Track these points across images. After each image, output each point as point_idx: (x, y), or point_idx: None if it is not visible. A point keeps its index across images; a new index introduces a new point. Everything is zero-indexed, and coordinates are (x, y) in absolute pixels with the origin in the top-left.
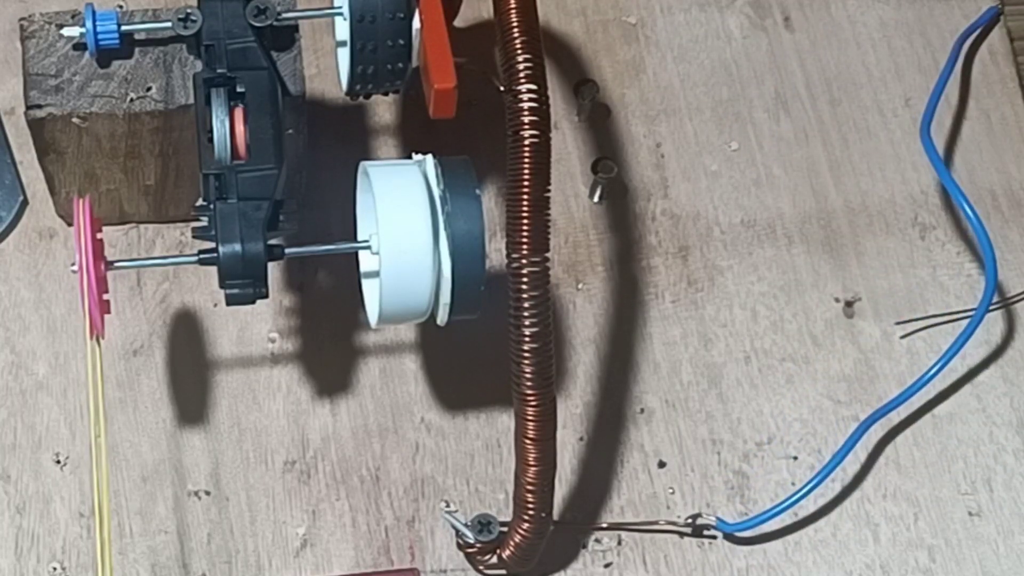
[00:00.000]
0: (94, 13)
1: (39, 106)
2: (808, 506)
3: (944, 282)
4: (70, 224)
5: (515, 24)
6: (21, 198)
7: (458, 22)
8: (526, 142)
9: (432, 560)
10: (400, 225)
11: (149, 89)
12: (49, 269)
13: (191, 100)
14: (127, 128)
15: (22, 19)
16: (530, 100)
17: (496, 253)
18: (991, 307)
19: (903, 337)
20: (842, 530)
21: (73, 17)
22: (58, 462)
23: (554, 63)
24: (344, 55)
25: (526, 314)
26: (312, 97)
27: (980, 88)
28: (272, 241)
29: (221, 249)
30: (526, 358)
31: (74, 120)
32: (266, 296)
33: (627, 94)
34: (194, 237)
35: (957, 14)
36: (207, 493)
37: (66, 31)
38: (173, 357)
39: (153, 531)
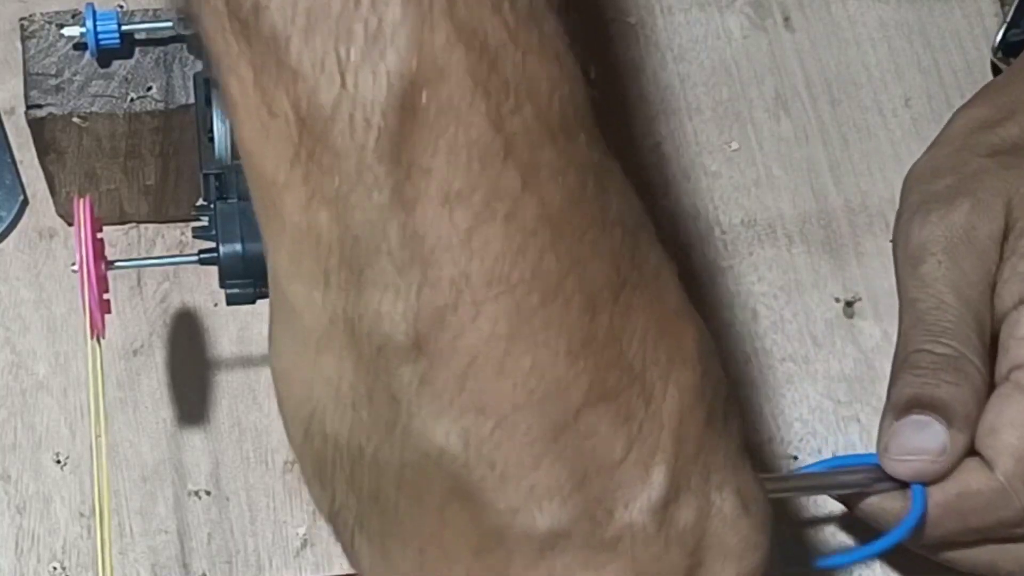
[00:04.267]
0: (94, 13)
1: (39, 106)
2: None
3: None
4: (70, 224)
5: None
6: (21, 198)
7: None
8: None
9: None
10: None
11: (149, 89)
12: (49, 269)
13: (191, 100)
14: (127, 128)
15: (22, 19)
16: None
17: None
18: None
19: None
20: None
21: (73, 17)
22: (58, 462)
23: None
24: None
25: None
26: None
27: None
28: None
29: (222, 249)
30: None
31: (74, 120)
32: (267, 296)
33: (626, 94)
34: (194, 237)
35: (957, 14)
36: (207, 493)
37: (66, 31)
38: (173, 357)
39: (153, 531)
